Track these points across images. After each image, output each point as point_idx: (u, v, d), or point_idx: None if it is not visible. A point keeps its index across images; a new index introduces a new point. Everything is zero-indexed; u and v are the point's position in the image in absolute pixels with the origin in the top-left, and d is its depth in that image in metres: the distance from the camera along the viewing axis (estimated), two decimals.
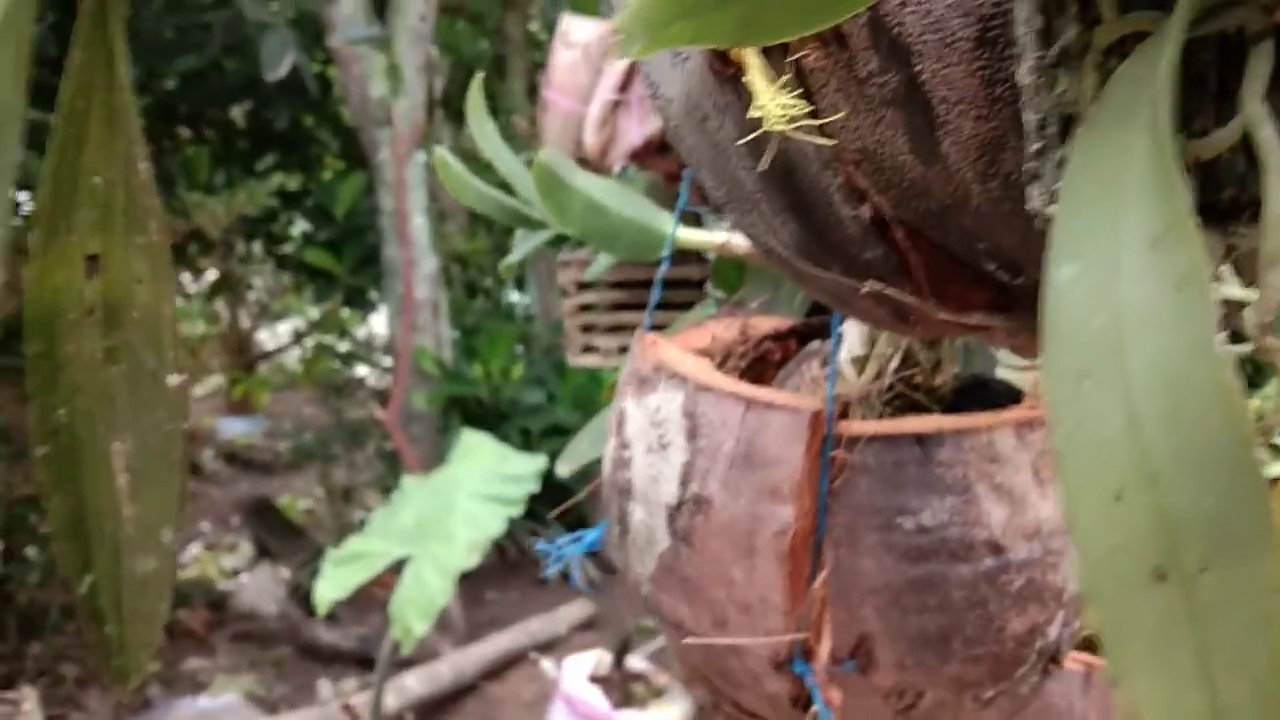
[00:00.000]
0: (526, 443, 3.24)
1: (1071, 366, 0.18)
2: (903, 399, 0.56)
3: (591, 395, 3.32)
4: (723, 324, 0.64)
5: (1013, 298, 0.36)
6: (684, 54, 0.33)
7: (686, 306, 1.39)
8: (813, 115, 0.30)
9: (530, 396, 3.34)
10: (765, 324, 0.64)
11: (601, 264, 0.85)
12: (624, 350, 1.47)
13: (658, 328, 1.43)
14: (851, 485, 0.48)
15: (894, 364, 0.55)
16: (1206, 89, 0.19)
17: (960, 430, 0.49)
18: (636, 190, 1.35)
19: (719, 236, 0.68)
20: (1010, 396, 0.57)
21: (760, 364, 0.62)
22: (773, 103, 0.30)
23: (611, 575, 3.45)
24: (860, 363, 0.55)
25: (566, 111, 1.24)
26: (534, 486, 1.98)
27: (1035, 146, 0.21)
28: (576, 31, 1.26)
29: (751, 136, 0.31)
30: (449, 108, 3.30)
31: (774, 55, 0.31)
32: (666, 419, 0.52)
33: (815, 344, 0.62)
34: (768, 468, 0.48)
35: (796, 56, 0.29)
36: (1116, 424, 0.18)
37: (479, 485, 1.93)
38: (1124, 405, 0.17)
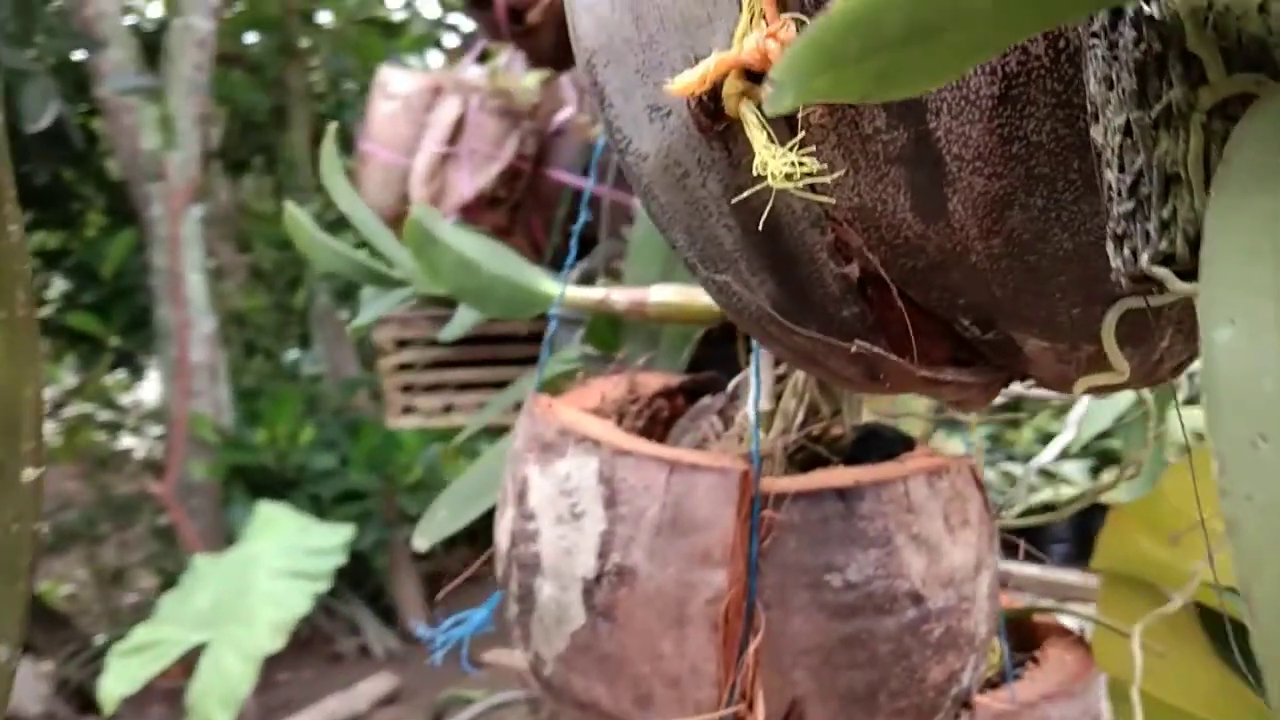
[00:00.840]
0: (319, 510, 3.07)
1: (1243, 430, 0.18)
2: (804, 450, 0.56)
3: (388, 457, 3.20)
4: (610, 383, 0.62)
5: (975, 353, 0.36)
6: (664, 109, 0.31)
7: (521, 362, 1.36)
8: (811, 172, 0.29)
9: (321, 461, 3.18)
10: (653, 381, 0.62)
11: (463, 322, 0.81)
12: (447, 409, 1.42)
13: (499, 384, 1.39)
14: (780, 544, 0.47)
15: (799, 418, 0.54)
16: None
17: (878, 482, 0.49)
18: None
19: (596, 293, 0.66)
20: (903, 444, 0.58)
21: (652, 422, 0.61)
22: (775, 160, 0.28)
23: (413, 645, 3.31)
24: (768, 418, 0.54)
25: (387, 163, 1.19)
26: (340, 559, 1.88)
27: (1125, 208, 0.21)
28: (396, 83, 1.22)
29: (746, 194, 0.30)
30: (226, 160, 3.13)
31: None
32: (579, 486, 0.50)
33: (706, 399, 0.62)
34: (698, 532, 0.47)
35: (803, 113, 0.29)
36: None
37: (280, 561, 1.80)
38: None
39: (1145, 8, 0.20)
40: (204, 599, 1.80)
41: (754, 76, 0.29)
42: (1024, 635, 0.77)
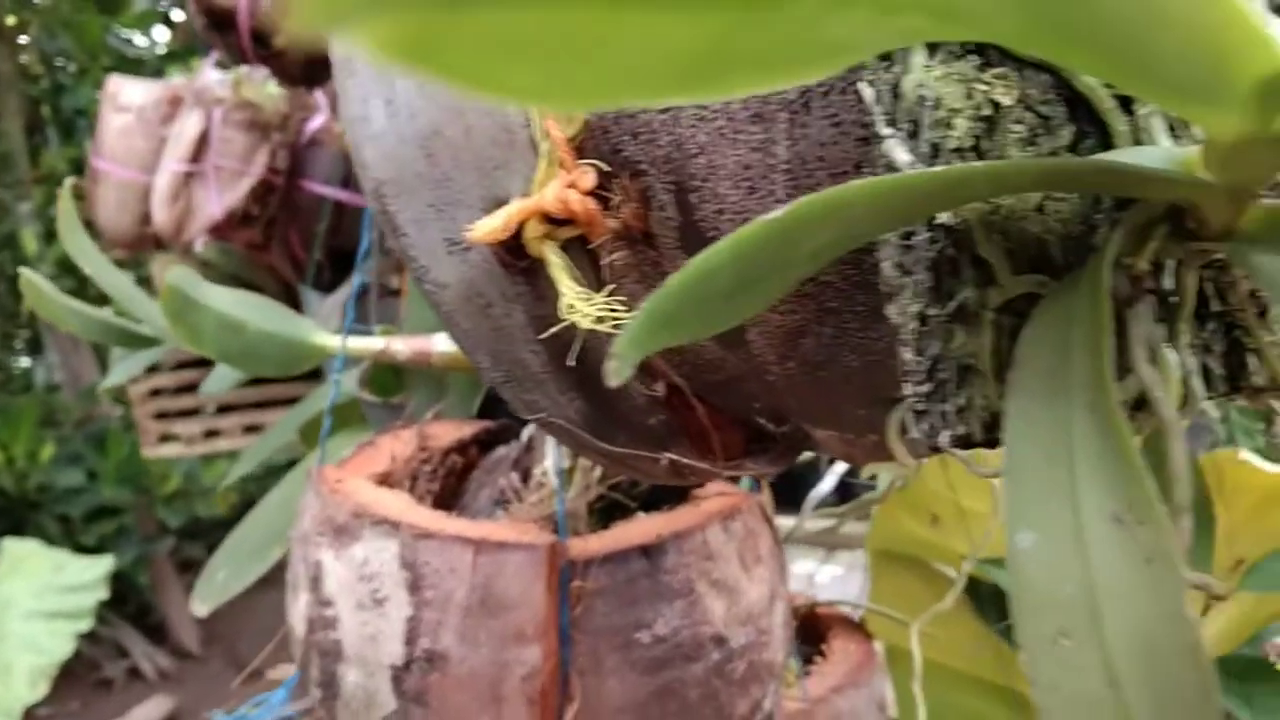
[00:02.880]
0: (69, 532, 2.83)
1: (1046, 628, 0.19)
2: (604, 499, 0.57)
3: (141, 468, 2.98)
4: (400, 440, 0.60)
5: (770, 439, 0.38)
6: (463, 243, 0.30)
7: (285, 379, 1.29)
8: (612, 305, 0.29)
9: (66, 478, 2.91)
10: (445, 434, 0.61)
11: (226, 376, 0.76)
12: (210, 435, 1.33)
13: (263, 404, 1.31)
14: (590, 610, 0.48)
15: (598, 472, 0.55)
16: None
17: (678, 534, 0.50)
18: (231, 264, 1.23)
19: (376, 343, 0.64)
20: (695, 483, 0.59)
21: (447, 478, 0.60)
22: (581, 302, 0.28)
23: (187, 661, 3.12)
24: (567, 475, 0.54)
25: (123, 181, 1.09)
26: (101, 593, 1.74)
27: (923, 389, 0.23)
28: (128, 94, 1.11)
29: (553, 331, 0.30)
30: None
31: (573, 250, 0.29)
32: (379, 572, 0.48)
33: (501, 450, 0.61)
34: (508, 611, 0.46)
35: (606, 260, 0.28)
36: (1097, 682, 0.19)
37: (35, 602, 1.65)
38: (1104, 666, 0.19)
39: (939, 216, 0.21)
40: None
41: (555, 220, 0.29)
42: (810, 628, 0.81)
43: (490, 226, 0.28)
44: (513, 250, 0.29)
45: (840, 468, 0.75)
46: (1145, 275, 0.21)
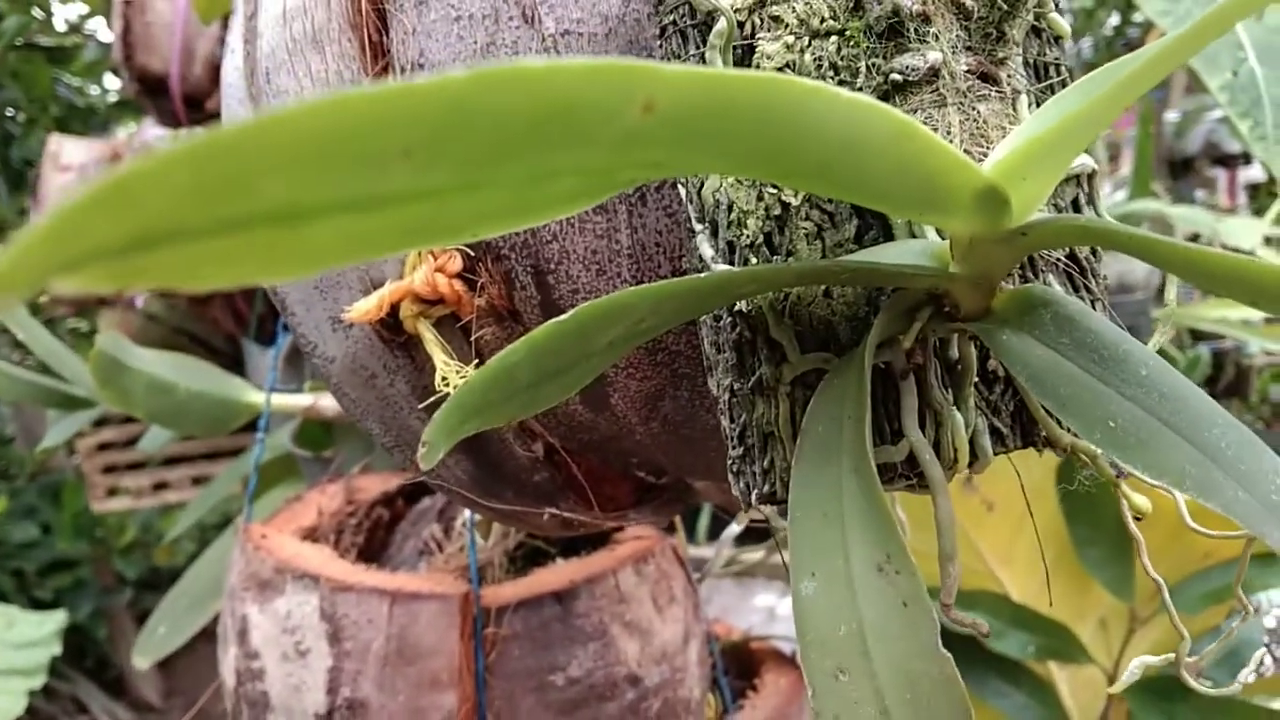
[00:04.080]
0: (23, 586, 2.79)
1: (827, 665, 0.22)
2: (523, 546, 0.59)
3: (96, 520, 2.95)
4: (326, 494, 0.62)
5: (654, 490, 0.41)
6: (346, 321, 0.33)
7: (235, 454, 1.30)
8: None
9: (20, 532, 2.88)
10: (372, 486, 0.63)
11: (161, 435, 0.77)
12: (159, 487, 1.34)
13: (211, 455, 1.31)
14: (505, 656, 0.50)
15: None
16: (880, 405, 0.24)
17: (590, 579, 0.53)
18: (175, 318, 1.24)
19: (304, 399, 0.66)
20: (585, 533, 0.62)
21: (374, 530, 0.62)
22: (454, 374, 0.31)
23: (148, 715, 3.07)
24: (485, 525, 0.57)
25: None
26: (55, 649, 1.72)
27: (737, 452, 0.25)
28: (70, 153, 1.13)
29: (431, 401, 0.32)
30: None
31: (447, 326, 0.32)
32: (301, 624, 0.50)
33: (426, 501, 0.63)
34: (424, 659, 0.49)
35: (476, 334, 0.31)
36: (870, 712, 0.22)
37: None
38: (876, 697, 0.22)
39: (737, 304, 0.24)
40: None
41: (427, 300, 0.31)
42: (743, 662, 0.84)
43: (366, 307, 0.30)
44: (391, 327, 0.32)
45: None
46: (914, 352, 0.24)
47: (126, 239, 0.10)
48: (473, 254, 0.31)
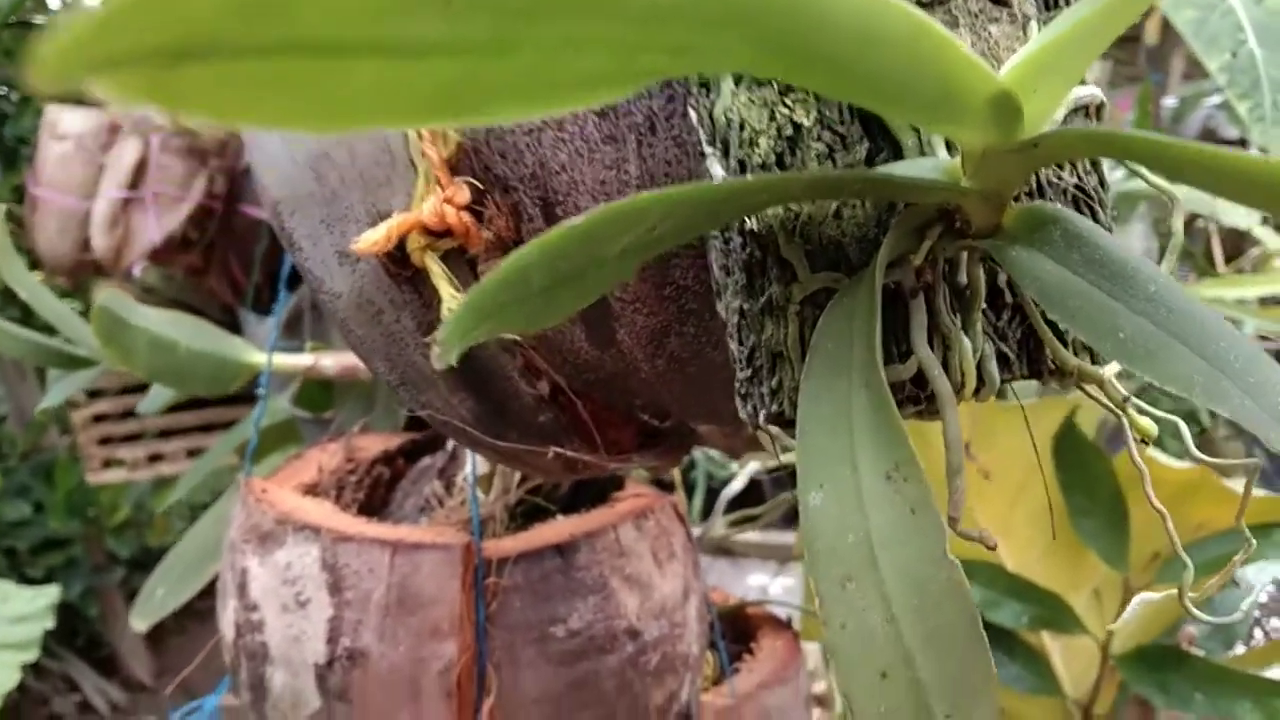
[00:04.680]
0: (15, 564, 2.79)
1: (835, 573, 0.22)
2: (525, 503, 0.59)
3: (89, 499, 2.95)
4: (327, 452, 0.62)
5: (658, 435, 0.41)
6: (353, 256, 0.33)
7: (227, 402, 1.30)
8: None
9: (13, 510, 2.88)
10: (372, 445, 0.63)
11: (161, 396, 0.77)
12: (154, 459, 1.34)
13: (206, 428, 1.32)
14: (505, 607, 0.50)
15: (517, 476, 0.57)
16: (889, 327, 0.25)
17: (591, 533, 0.53)
18: (172, 289, 1.24)
19: (305, 359, 0.66)
20: (613, 484, 0.62)
21: (374, 489, 0.62)
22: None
23: (140, 694, 3.07)
24: (486, 480, 0.57)
25: (63, 209, 1.11)
26: (47, 623, 1.72)
27: (745, 374, 0.26)
28: (67, 123, 1.13)
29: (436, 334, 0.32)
30: None
31: (454, 260, 0.32)
32: (302, 575, 0.50)
33: (426, 460, 0.63)
34: (425, 608, 0.49)
35: (484, 268, 0.31)
36: (878, 618, 0.22)
37: None
38: (882, 604, 0.22)
39: (747, 222, 0.24)
40: None
41: (435, 232, 0.31)
42: (740, 627, 0.84)
43: (374, 238, 0.30)
44: (398, 261, 0.32)
45: (751, 468, 0.78)
46: (924, 270, 0.24)
47: (168, 45, 0.10)
48: (481, 186, 0.31)
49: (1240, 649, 1.04)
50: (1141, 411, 0.29)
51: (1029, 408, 1.00)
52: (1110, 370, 0.28)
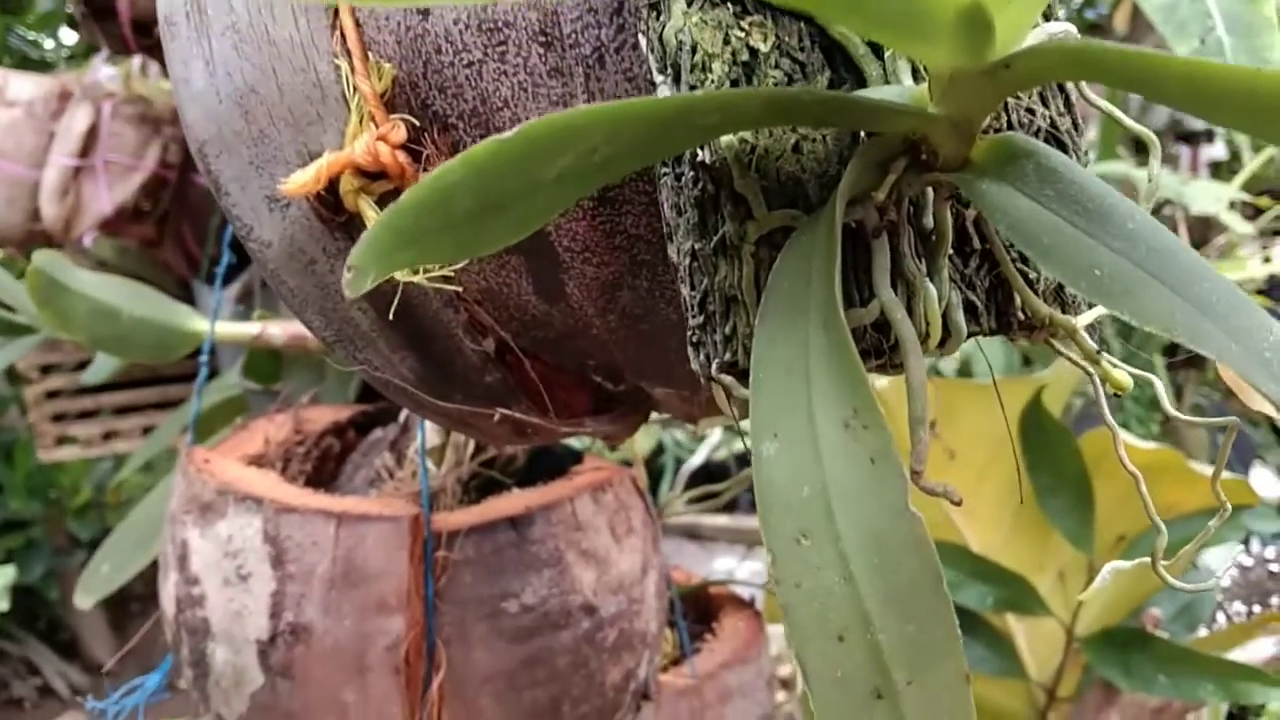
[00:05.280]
0: None
1: (788, 529, 0.21)
2: (479, 477, 0.58)
3: (49, 480, 2.89)
4: (274, 423, 0.60)
5: (612, 399, 0.39)
6: (283, 200, 0.31)
7: (184, 379, 1.27)
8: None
9: None
10: (321, 417, 0.61)
11: (106, 366, 0.75)
12: (109, 437, 1.31)
13: (162, 405, 1.29)
14: (456, 581, 0.49)
15: (470, 448, 0.56)
16: (850, 269, 0.23)
17: (546, 505, 0.51)
18: (127, 262, 1.20)
19: (252, 328, 0.64)
20: (573, 459, 0.60)
21: (323, 461, 0.60)
22: None
23: (97, 675, 3.02)
24: (439, 452, 0.55)
25: (12, 178, 1.07)
26: (3, 606, 1.68)
27: (697, 321, 0.24)
28: (16, 88, 1.09)
29: (375, 285, 0.30)
30: None
31: (388, 204, 0.30)
32: (243, 548, 0.48)
33: (378, 432, 0.61)
34: (371, 582, 0.47)
35: None
36: (834, 577, 0.20)
37: None
38: (839, 561, 0.20)
39: (699, 153, 0.23)
40: None
41: (369, 174, 0.29)
42: (702, 607, 0.83)
43: (303, 179, 0.28)
44: (330, 205, 0.30)
45: (712, 441, 0.76)
46: (887, 207, 0.22)
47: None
48: (418, 124, 0.29)
49: (1203, 632, 1.04)
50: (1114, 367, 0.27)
51: (994, 386, 0.99)
52: (1082, 321, 0.27)
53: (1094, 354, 0.26)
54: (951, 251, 0.25)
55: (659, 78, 0.24)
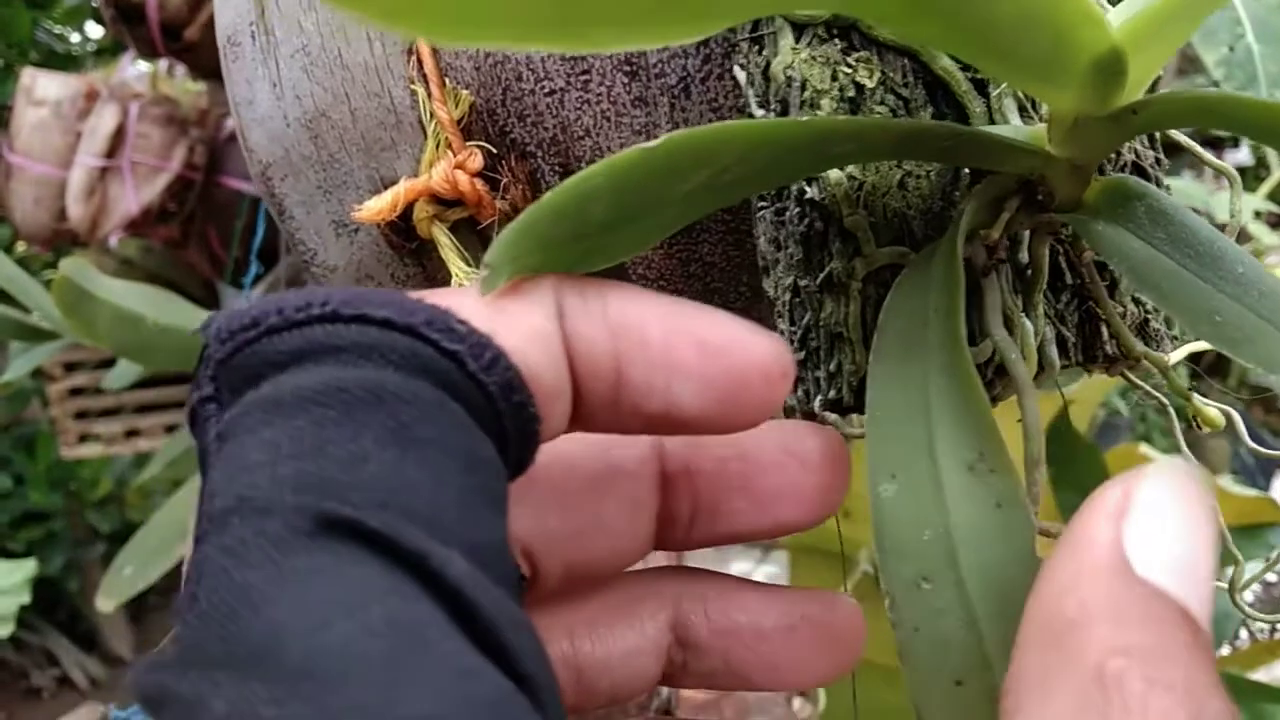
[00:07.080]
0: None
1: (908, 572, 0.20)
2: None
3: (70, 472, 2.89)
4: None
5: None
6: (352, 225, 0.31)
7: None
8: None
9: None
10: None
11: (128, 371, 0.74)
12: (131, 435, 1.30)
13: (184, 404, 1.30)
14: None
15: None
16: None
17: None
18: (152, 262, 1.20)
19: None
20: None
21: None
22: (470, 280, 0.29)
23: (119, 669, 3.02)
24: None
25: (39, 177, 1.06)
26: (24, 598, 1.68)
27: (798, 357, 0.24)
28: (43, 87, 1.08)
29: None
30: None
31: (463, 231, 0.30)
32: None
33: None
34: None
35: (497, 234, 0.29)
36: (955, 622, 0.20)
37: None
38: (962, 607, 0.20)
39: (807, 190, 0.22)
40: None
41: (444, 201, 0.29)
42: None
43: (378, 206, 0.28)
44: (402, 231, 0.29)
45: None
46: (999, 245, 0.22)
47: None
48: (495, 151, 0.29)
49: (1226, 650, 1.04)
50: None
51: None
52: (1174, 358, 0.27)
53: (1185, 391, 0.26)
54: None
55: (759, 111, 0.23)
